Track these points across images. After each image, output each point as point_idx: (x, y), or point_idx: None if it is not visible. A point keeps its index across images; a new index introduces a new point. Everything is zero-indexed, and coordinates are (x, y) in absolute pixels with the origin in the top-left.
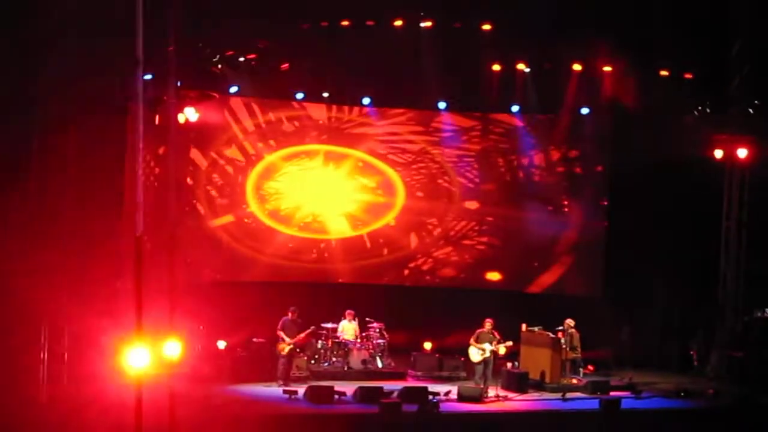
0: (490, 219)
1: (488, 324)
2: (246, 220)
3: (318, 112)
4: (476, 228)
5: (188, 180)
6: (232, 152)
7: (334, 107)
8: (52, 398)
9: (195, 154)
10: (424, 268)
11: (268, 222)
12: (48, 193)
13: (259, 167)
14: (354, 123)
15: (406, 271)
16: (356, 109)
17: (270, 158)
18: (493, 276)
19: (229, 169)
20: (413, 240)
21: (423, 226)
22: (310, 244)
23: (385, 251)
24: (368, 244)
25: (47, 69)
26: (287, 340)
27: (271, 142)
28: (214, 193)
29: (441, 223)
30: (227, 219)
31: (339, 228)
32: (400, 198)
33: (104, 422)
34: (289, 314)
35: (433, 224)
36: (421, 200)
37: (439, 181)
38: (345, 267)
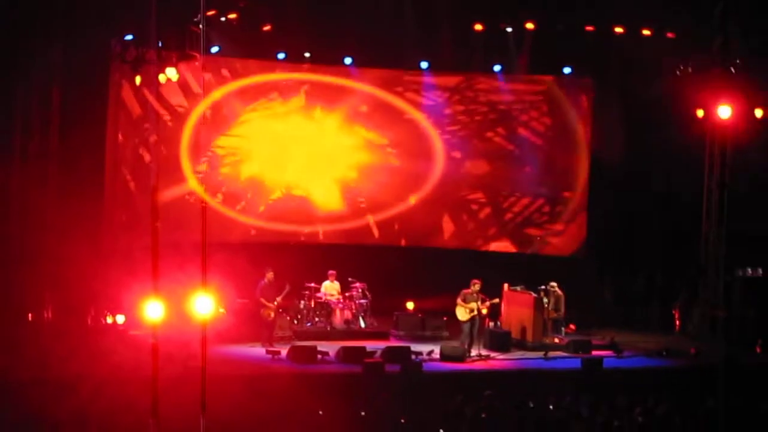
0: (566, 195)
1: (476, 285)
2: (188, 197)
3: None
4: (547, 210)
5: (119, 136)
6: (172, 94)
7: None
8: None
9: (127, 93)
10: None
11: (217, 205)
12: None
13: (202, 108)
14: None
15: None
16: None
17: (219, 95)
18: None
19: (167, 117)
20: (447, 227)
21: (463, 204)
22: (282, 236)
23: (403, 242)
24: (376, 234)
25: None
26: (269, 305)
27: (225, 71)
28: (146, 156)
29: (492, 200)
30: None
31: (329, 207)
32: (430, 161)
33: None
34: (266, 277)
35: (479, 202)
36: (459, 164)
37: (489, 134)
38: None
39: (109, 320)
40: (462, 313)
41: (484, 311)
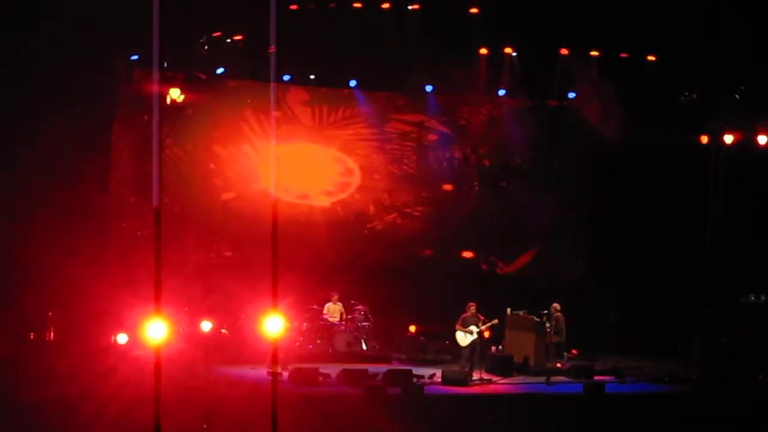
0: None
1: (472, 308)
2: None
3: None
4: (550, 231)
5: (123, 156)
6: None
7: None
8: (70, 370)
9: (132, 113)
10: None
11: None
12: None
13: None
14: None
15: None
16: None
17: (224, 115)
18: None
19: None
20: (450, 248)
21: (470, 227)
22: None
23: (405, 263)
24: (377, 254)
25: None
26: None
27: (230, 92)
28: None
29: (499, 222)
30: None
31: (332, 226)
32: (436, 182)
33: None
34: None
35: (487, 224)
36: (462, 186)
37: (499, 159)
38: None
39: (112, 340)
40: (461, 338)
41: (486, 335)
